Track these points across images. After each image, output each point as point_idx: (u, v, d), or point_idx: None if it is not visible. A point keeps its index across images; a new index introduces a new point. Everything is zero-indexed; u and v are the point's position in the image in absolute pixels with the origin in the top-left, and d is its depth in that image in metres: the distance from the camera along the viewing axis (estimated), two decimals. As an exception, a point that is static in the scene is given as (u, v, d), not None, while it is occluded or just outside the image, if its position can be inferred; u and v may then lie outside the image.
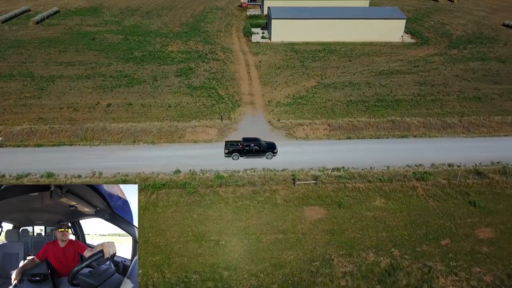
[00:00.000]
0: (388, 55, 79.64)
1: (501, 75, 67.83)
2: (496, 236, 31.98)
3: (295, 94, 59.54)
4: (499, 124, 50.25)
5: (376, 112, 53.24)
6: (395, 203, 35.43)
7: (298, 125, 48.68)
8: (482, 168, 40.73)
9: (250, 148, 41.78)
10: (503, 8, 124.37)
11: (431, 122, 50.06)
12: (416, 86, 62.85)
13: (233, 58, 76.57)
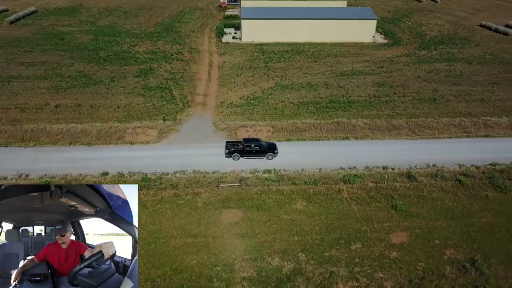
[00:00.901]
0: (355, 56, 79.13)
1: (463, 76, 67.11)
2: (409, 241, 31.52)
3: (250, 95, 59.17)
4: (446, 126, 49.72)
5: (325, 113, 52.82)
6: (315, 206, 35.02)
7: (242, 126, 48.29)
8: (415, 171, 40.25)
9: (251, 149, 41.85)
10: (485, 8, 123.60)
11: (378, 124, 49.56)
12: (374, 87, 62.33)
13: (198, 58, 76.27)
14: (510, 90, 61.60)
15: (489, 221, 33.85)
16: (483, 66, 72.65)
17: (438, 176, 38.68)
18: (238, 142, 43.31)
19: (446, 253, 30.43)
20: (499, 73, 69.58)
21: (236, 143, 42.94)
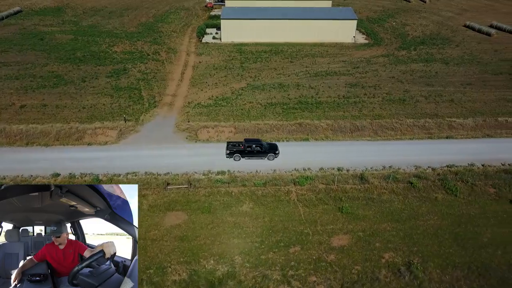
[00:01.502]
0: (333, 56, 78.80)
1: (438, 77, 66.72)
2: (350, 244, 31.23)
3: (220, 95, 58.95)
4: (410, 127, 49.38)
5: (290, 114, 52.55)
6: (261, 208, 34.75)
7: (203, 127, 48.01)
8: (369, 173, 39.93)
9: (252, 149, 41.75)
10: (473, 9, 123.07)
11: (340, 125, 49.27)
12: (346, 88, 62.04)
13: (174, 58, 76.11)
14: (481, 91, 61.15)
15: (434, 223, 33.51)
16: (460, 67, 72.21)
17: (390, 178, 38.30)
18: (239, 142, 43.20)
19: (385, 256, 30.11)
20: (474, 74, 69.17)
21: (237, 144, 42.81)
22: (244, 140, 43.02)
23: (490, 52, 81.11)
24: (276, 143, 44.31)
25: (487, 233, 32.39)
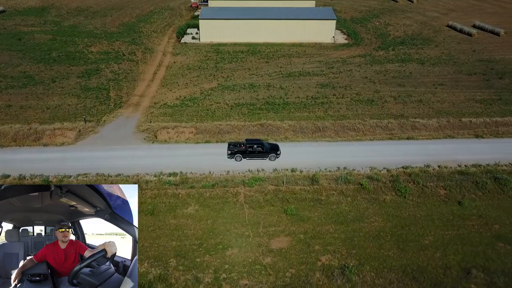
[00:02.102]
0: (310, 57, 78.53)
1: (411, 77, 66.36)
2: (289, 246, 30.91)
3: (188, 96, 58.71)
4: (372, 128, 49.06)
5: (255, 115, 52.29)
6: (206, 210, 34.44)
7: (163, 128, 47.69)
8: (322, 174, 39.62)
9: (253, 150, 41.56)
10: (459, 8, 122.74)
11: (302, 126, 48.94)
12: (316, 88, 61.75)
13: (149, 59, 75.90)
14: (452, 92, 60.82)
15: (378, 226, 33.16)
16: (435, 67, 71.88)
17: (341, 179, 37.96)
18: (240, 143, 43.02)
19: (322, 259, 29.78)
20: (449, 74, 68.83)
21: (239, 144, 42.65)
22: (245, 141, 42.78)
23: (469, 52, 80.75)
24: (277, 144, 44.04)
25: (429, 236, 32.02)
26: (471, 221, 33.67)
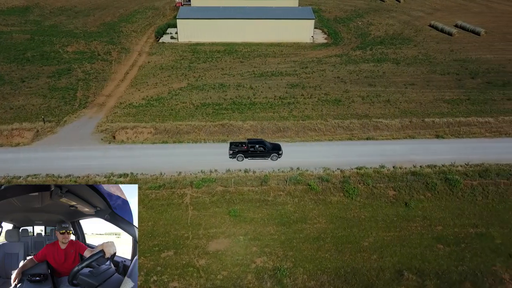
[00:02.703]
0: (286, 56, 78.22)
1: (384, 77, 66.04)
2: (226, 248, 30.62)
3: (155, 95, 58.43)
4: (334, 128, 48.90)
5: (219, 115, 52.01)
6: (149, 213, 34.18)
7: (123, 128, 47.40)
8: (275, 174, 39.36)
9: (255, 149, 41.45)
10: (445, 8, 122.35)
11: (264, 126, 48.67)
12: (286, 88, 61.45)
13: (124, 58, 75.61)
14: (422, 91, 60.48)
15: (321, 227, 32.86)
16: (410, 67, 71.54)
17: (290, 180, 37.63)
18: (242, 143, 42.93)
19: (257, 261, 29.48)
20: (422, 73, 68.49)
21: (240, 144, 42.55)
22: (247, 140, 42.56)
23: (446, 52, 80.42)
24: (279, 143, 43.93)
25: (370, 237, 31.69)
26: (415, 223, 33.35)
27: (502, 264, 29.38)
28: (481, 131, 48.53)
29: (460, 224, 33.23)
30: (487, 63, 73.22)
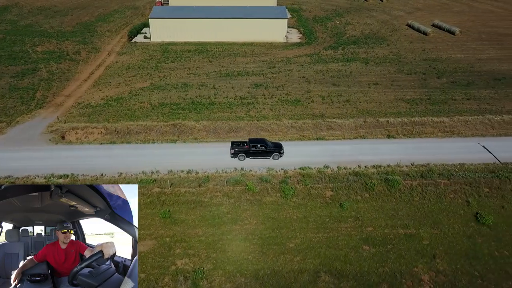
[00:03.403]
0: (256, 56, 77.92)
1: (350, 77, 65.74)
2: (150, 250, 30.36)
3: (115, 95, 58.11)
4: (286, 128, 48.67)
5: (175, 115, 51.75)
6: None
7: (73, 129, 47.09)
8: (216, 175, 39.00)
9: (257, 149, 41.29)
10: (427, 8, 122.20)
11: (217, 126, 48.36)
12: (249, 88, 61.16)
13: (92, 58, 75.26)
14: (384, 91, 60.22)
15: (251, 228, 32.58)
16: (378, 66, 71.28)
17: (229, 181, 37.31)
18: (243, 142, 42.78)
19: (177, 263, 29.20)
20: (389, 73, 68.25)
21: (242, 144, 42.37)
22: (248, 140, 42.41)
23: (418, 51, 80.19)
24: (281, 143, 43.74)
25: (298, 238, 31.41)
26: (346, 223, 33.04)
27: (425, 265, 29.08)
28: (434, 131, 48.24)
29: (392, 225, 32.89)
30: (456, 63, 72.94)
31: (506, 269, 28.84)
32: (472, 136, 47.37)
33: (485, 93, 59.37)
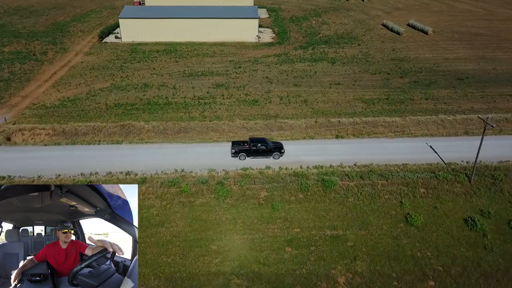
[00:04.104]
0: (224, 56, 77.57)
1: (313, 77, 65.48)
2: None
3: (73, 96, 57.64)
4: (237, 129, 48.44)
5: (128, 115, 51.33)
6: None
7: (20, 130, 46.62)
8: (155, 177, 38.62)
9: (257, 148, 41.19)
10: (407, 7, 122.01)
11: (167, 127, 48.01)
12: (209, 88, 60.86)
13: (58, 58, 74.78)
14: (344, 91, 60.01)
15: (176, 230, 32.30)
16: (344, 66, 71.03)
17: (164, 183, 36.94)
18: (244, 142, 42.60)
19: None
20: (354, 73, 68.03)
21: (242, 143, 42.20)
22: (249, 139, 42.27)
23: (387, 51, 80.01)
24: (281, 142, 43.70)
25: (222, 240, 31.18)
26: (274, 225, 32.72)
27: (344, 267, 28.77)
28: (384, 131, 47.98)
29: (320, 226, 32.59)
30: (422, 62, 72.80)
31: (424, 270, 28.56)
32: (422, 136, 47.11)
33: (444, 93, 59.14)
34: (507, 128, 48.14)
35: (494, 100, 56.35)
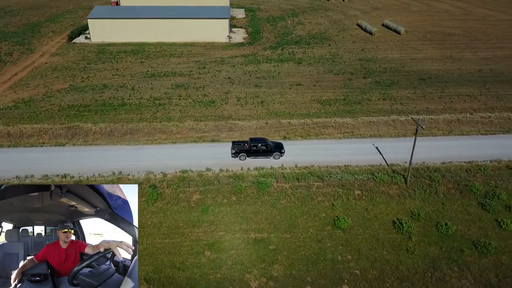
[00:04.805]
0: (191, 56, 77.06)
1: (277, 78, 65.01)
2: None
3: (28, 98, 57.03)
4: (187, 130, 48.12)
5: (80, 117, 50.79)
6: None
7: (-35, 132, 45.89)
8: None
9: (257, 148, 40.89)
10: (386, 7, 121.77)
11: (114, 129, 47.59)
12: (168, 89, 60.36)
13: (23, 59, 74.11)
14: (303, 92, 59.63)
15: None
16: (309, 67, 70.61)
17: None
18: (244, 142, 42.26)
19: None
20: (317, 73, 67.66)
21: (242, 143, 41.83)
22: (249, 140, 41.87)
23: (356, 51, 79.64)
24: (281, 142, 43.34)
25: (143, 244, 30.51)
26: (199, 228, 32.26)
27: (260, 271, 28.30)
28: (334, 132, 47.58)
29: (245, 229, 32.11)
30: (389, 63, 72.47)
31: (341, 274, 28.10)
32: (371, 137, 46.72)
33: (404, 93, 58.80)
34: (457, 129, 47.76)
35: (451, 101, 56.00)
